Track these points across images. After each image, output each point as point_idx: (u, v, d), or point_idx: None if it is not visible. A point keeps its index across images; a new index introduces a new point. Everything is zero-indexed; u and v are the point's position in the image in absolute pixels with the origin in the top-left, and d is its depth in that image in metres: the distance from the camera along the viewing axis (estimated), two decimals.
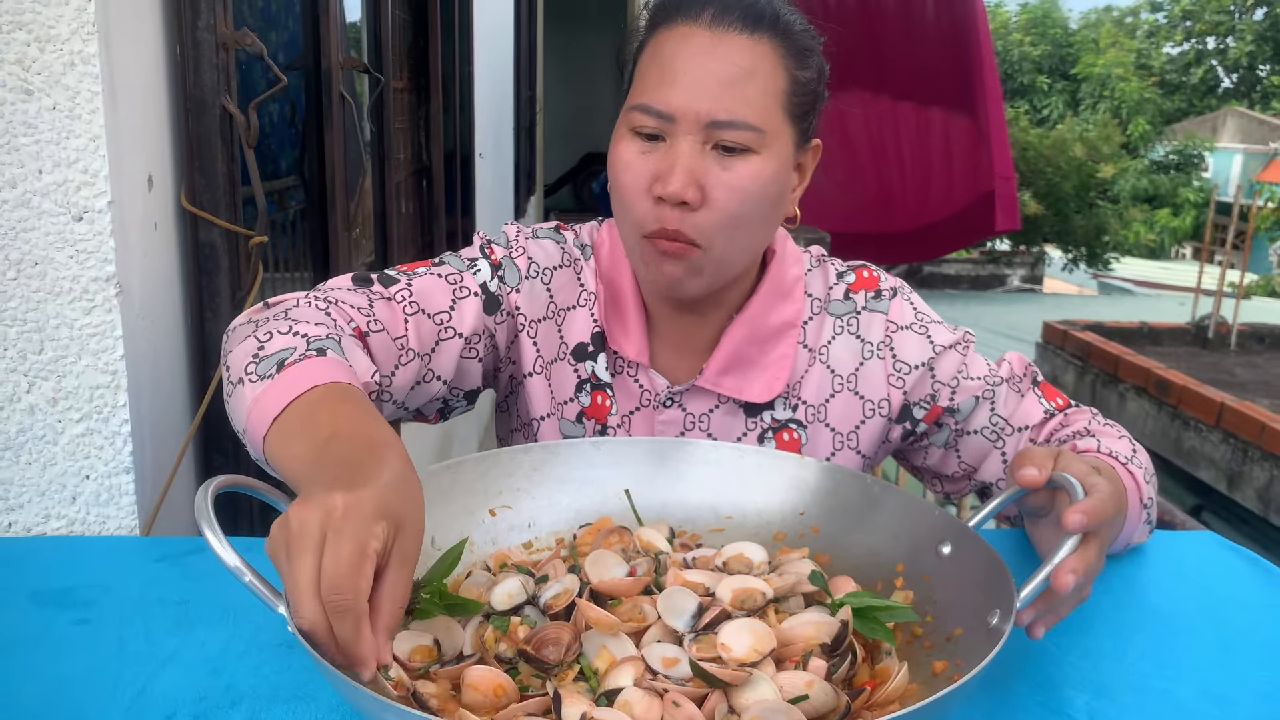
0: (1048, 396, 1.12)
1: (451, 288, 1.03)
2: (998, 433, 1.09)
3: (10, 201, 0.95)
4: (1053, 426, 1.08)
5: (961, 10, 3.99)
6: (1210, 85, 29.39)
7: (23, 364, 0.99)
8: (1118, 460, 0.95)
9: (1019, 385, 1.11)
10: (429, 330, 0.99)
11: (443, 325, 1.00)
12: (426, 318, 0.99)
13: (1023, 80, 23.75)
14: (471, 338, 1.03)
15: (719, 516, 0.94)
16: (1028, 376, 1.12)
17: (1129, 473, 0.95)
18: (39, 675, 0.77)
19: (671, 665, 0.69)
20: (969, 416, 1.09)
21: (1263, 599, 0.98)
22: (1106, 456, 0.95)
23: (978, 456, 1.11)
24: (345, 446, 0.72)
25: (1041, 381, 1.13)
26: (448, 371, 1.02)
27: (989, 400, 1.09)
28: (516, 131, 6.12)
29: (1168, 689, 0.81)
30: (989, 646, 0.66)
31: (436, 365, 1.00)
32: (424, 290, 1.01)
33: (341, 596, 0.61)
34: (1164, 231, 18.76)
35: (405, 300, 0.99)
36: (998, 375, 1.10)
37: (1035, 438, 1.09)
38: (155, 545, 0.99)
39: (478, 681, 0.68)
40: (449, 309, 1.01)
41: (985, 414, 1.09)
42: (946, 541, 0.82)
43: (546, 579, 0.81)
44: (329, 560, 0.62)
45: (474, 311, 1.03)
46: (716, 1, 0.97)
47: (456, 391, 1.06)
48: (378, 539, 0.63)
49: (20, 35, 0.93)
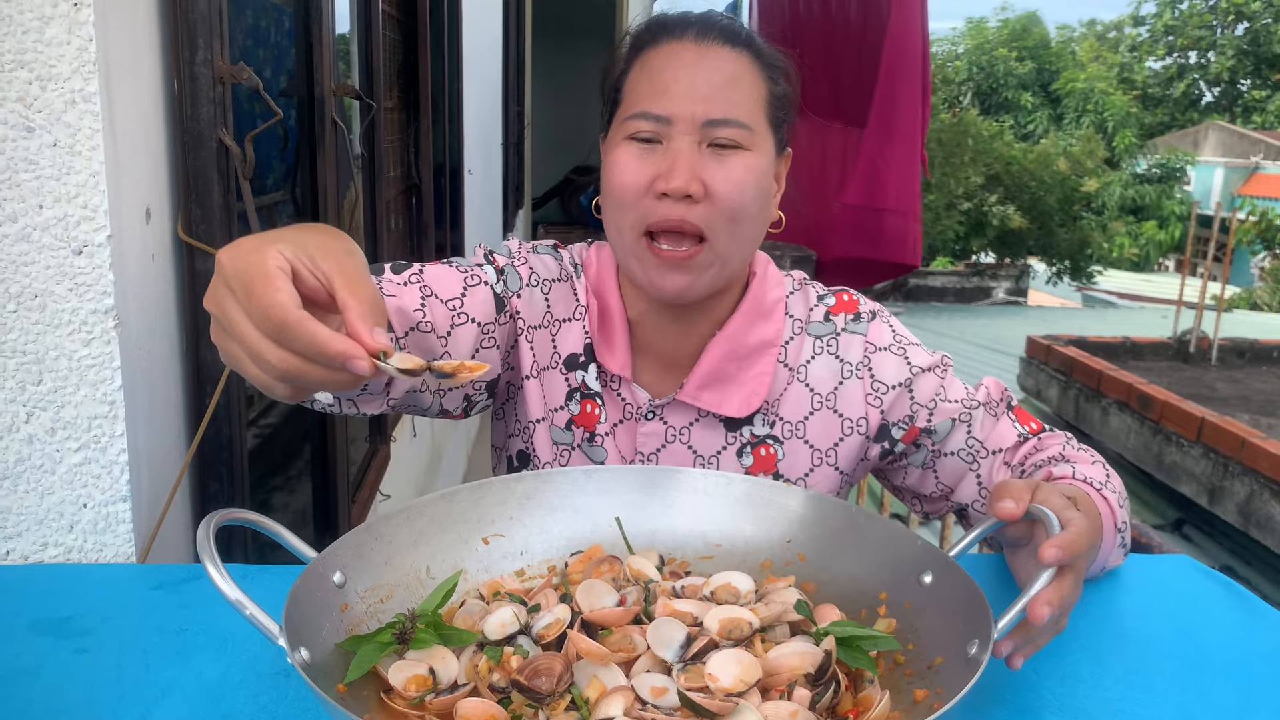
0: (1021, 420, 1.14)
1: (462, 275, 1.05)
2: (973, 455, 1.12)
3: (11, 236, 0.97)
4: (1026, 450, 1.11)
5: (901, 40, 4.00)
6: (1192, 99, 29.69)
7: (22, 394, 1.01)
8: (1092, 486, 0.98)
9: (995, 409, 1.14)
10: (442, 314, 1.01)
11: (456, 310, 1.02)
12: (440, 302, 1.01)
13: (1007, 95, 23.95)
14: (486, 326, 1.05)
15: (708, 544, 0.96)
16: (1003, 401, 1.15)
17: (1103, 499, 0.97)
18: (40, 705, 0.78)
19: (660, 695, 0.71)
20: (946, 438, 1.12)
21: (1235, 623, 1.01)
22: (1081, 483, 0.98)
23: (954, 478, 1.14)
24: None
25: (1016, 406, 1.16)
26: (465, 357, 1.03)
27: (965, 423, 1.12)
28: (505, 147, 6.14)
29: (1141, 713, 0.83)
30: (968, 675, 0.68)
31: (454, 349, 1.02)
32: (435, 276, 1.03)
33: (269, 318, 0.63)
34: (1149, 244, 18.92)
35: (419, 282, 1.01)
36: (975, 399, 1.13)
37: (1009, 460, 1.12)
38: (152, 572, 1.01)
39: (470, 714, 0.70)
40: (461, 295, 1.03)
41: (962, 436, 1.12)
42: (928, 571, 0.84)
43: (539, 608, 0.82)
44: (243, 302, 0.64)
45: (485, 300, 1.05)
46: (697, 22, 1.05)
47: (479, 383, 1.08)
48: (274, 258, 0.65)
49: (22, 74, 0.94)
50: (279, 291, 0.63)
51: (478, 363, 0.71)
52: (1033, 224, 14.82)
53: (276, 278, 0.64)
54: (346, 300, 0.66)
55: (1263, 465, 4.77)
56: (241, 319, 0.65)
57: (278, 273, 0.64)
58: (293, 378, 0.65)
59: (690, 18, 1.06)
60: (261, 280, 0.63)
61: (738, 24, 1.07)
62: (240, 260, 0.65)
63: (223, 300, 0.66)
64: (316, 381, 0.66)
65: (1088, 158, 16.01)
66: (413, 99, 3.01)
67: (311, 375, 0.65)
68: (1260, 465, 4.78)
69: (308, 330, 0.63)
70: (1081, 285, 16.89)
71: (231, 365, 0.69)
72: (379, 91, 2.26)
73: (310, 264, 0.67)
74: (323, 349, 0.63)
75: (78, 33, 0.94)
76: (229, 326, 0.66)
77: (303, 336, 0.63)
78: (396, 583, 0.85)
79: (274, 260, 0.65)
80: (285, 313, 0.63)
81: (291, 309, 0.63)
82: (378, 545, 0.85)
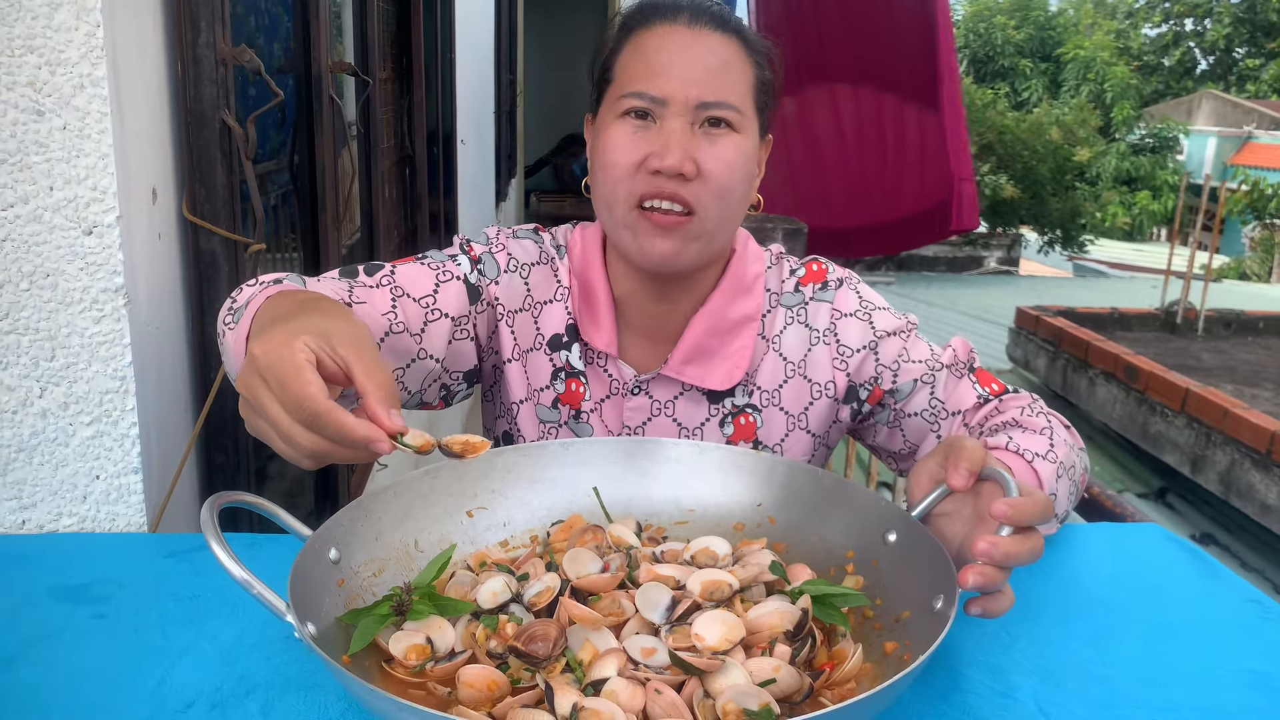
0: (982, 382, 1.18)
1: (434, 273, 1.10)
2: (935, 416, 1.17)
3: (23, 217, 1.00)
4: (986, 412, 1.15)
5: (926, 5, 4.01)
6: (1187, 67, 29.57)
7: (35, 370, 1.04)
8: (1023, 458, 1.01)
9: (959, 370, 1.18)
10: (415, 313, 1.06)
11: (429, 308, 1.07)
12: (412, 301, 1.06)
13: (1004, 63, 23.80)
14: (459, 319, 1.10)
15: (682, 509, 1.00)
16: (967, 363, 1.19)
17: (1033, 470, 1.00)
18: (63, 667, 0.82)
19: (650, 655, 0.76)
20: (909, 398, 1.16)
21: (1200, 589, 1.05)
22: (1013, 454, 1.01)
23: (919, 436, 1.18)
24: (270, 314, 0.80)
25: (978, 368, 1.20)
26: (439, 351, 1.08)
27: (929, 384, 1.16)
28: (498, 116, 6.13)
29: (1106, 674, 0.88)
30: (935, 628, 0.73)
31: (428, 345, 1.07)
32: (407, 276, 1.08)
33: (303, 408, 0.70)
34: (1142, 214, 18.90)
35: (390, 284, 1.06)
36: (939, 360, 1.17)
37: (968, 422, 1.16)
38: (163, 541, 1.05)
39: (473, 679, 0.74)
40: (432, 292, 1.08)
41: (925, 397, 1.16)
42: (892, 530, 0.89)
43: (527, 577, 0.87)
44: (277, 392, 0.71)
45: (457, 294, 1.10)
46: (689, 7, 1.08)
47: (455, 374, 1.13)
48: (302, 351, 0.72)
49: (32, 59, 0.97)
50: (309, 385, 0.70)
51: (482, 440, 0.78)
52: (1025, 193, 14.81)
53: (306, 370, 0.71)
54: (365, 385, 0.73)
55: (1244, 435, 4.84)
56: (274, 406, 0.71)
57: (307, 365, 0.71)
58: (320, 457, 0.72)
59: (682, 2, 1.09)
60: (294, 374, 0.70)
61: (727, 10, 1.11)
62: (272, 355, 0.71)
63: (255, 388, 0.72)
64: (339, 459, 0.72)
65: (1080, 127, 15.97)
66: (406, 69, 3.01)
67: (336, 454, 0.72)
68: (1242, 435, 4.86)
69: (336, 420, 0.70)
70: (1073, 255, 16.91)
71: (259, 438, 0.76)
72: (374, 65, 2.27)
73: (331, 351, 0.73)
74: (349, 435, 0.70)
75: (85, 18, 0.97)
76: (261, 410, 0.72)
77: (331, 425, 0.70)
78: (388, 557, 0.89)
79: (302, 354, 0.71)
80: (316, 404, 0.70)
81: (321, 400, 0.70)
82: (368, 521, 0.89)
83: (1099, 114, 18.18)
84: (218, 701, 0.78)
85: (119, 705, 0.77)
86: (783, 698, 0.73)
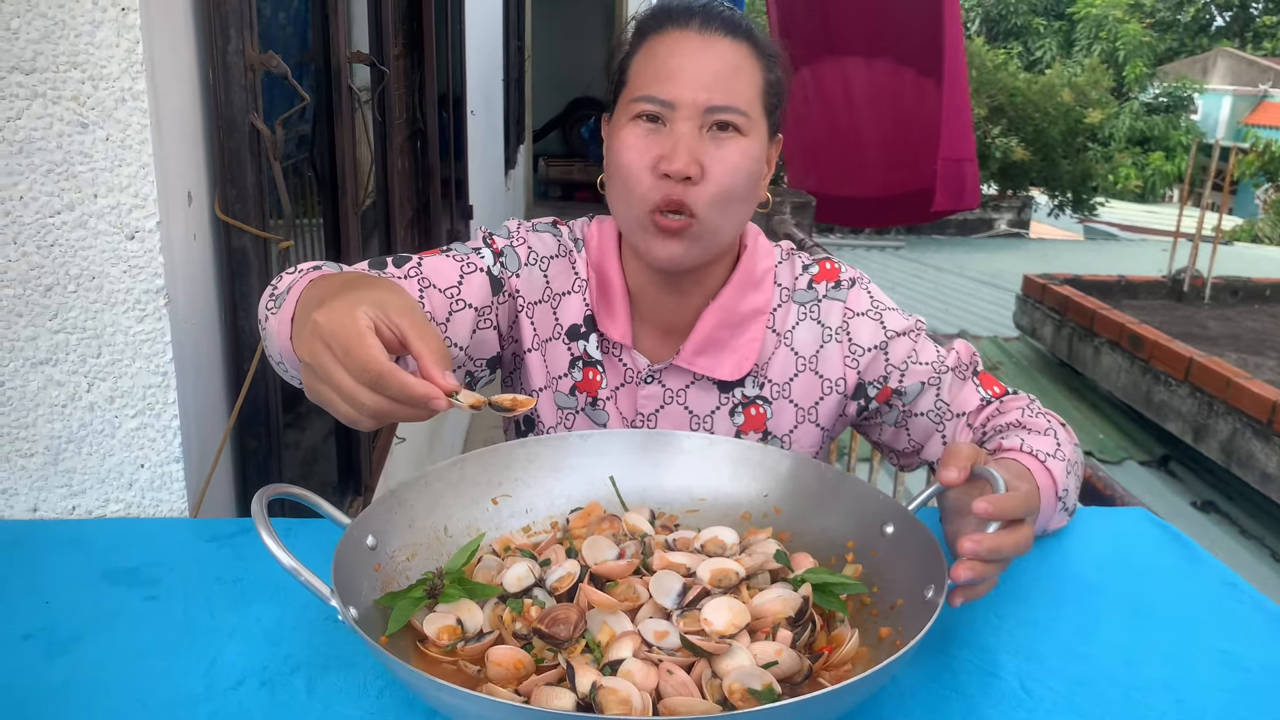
0: (985, 385, 1.24)
1: (459, 265, 1.16)
2: (940, 417, 1.22)
3: (70, 223, 1.06)
4: (988, 413, 1.21)
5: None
6: (1202, 24, 29.10)
7: (83, 367, 1.11)
8: (1037, 459, 1.06)
9: (963, 373, 1.24)
10: (440, 302, 1.12)
11: (453, 299, 1.13)
12: (438, 291, 1.12)
13: (1017, 22, 23.48)
14: (482, 309, 1.16)
15: (693, 499, 1.06)
16: (970, 365, 1.25)
17: (1046, 470, 1.06)
18: (123, 648, 0.89)
19: (662, 638, 0.82)
20: (915, 399, 1.22)
21: (1179, 571, 1.11)
22: (1027, 456, 1.06)
23: (924, 436, 1.24)
24: (317, 294, 0.86)
25: (981, 371, 1.26)
26: (463, 339, 1.14)
27: (934, 386, 1.22)
28: (506, 83, 6.14)
29: (1087, 652, 0.93)
30: (925, 615, 0.79)
31: (453, 333, 1.13)
32: (433, 267, 1.14)
33: (368, 370, 0.76)
34: (1155, 175, 18.72)
35: (417, 275, 1.12)
36: (944, 363, 1.22)
37: (971, 423, 1.22)
38: (205, 526, 1.12)
39: (501, 659, 0.81)
40: (457, 283, 1.14)
41: (930, 399, 1.22)
42: (890, 522, 0.95)
43: (549, 562, 0.93)
44: (341, 356, 0.77)
45: (481, 285, 1.16)
46: (701, 12, 1.12)
47: (479, 361, 1.20)
48: (364, 317, 0.78)
49: (75, 74, 1.02)
50: (372, 348, 0.76)
51: (527, 397, 0.83)
52: (1036, 156, 14.69)
53: (368, 335, 0.77)
54: (420, 349, 0.79)
55: (1246, 404, 4.88)
56: (338, 370, 0.77)
57: (368, 331, 0.77)
58: (383, 416, 0.78)
59: (694, 7, 1.13)
60: (357, 339, 0.76)
61: (738, 14, 1.15)
62: (335, 322, 0.78)
63: (320, 355, 0.78)
64: (400, 418, 0.79)
65: (1092, 88, 15.81)
66: (418, 44, 3.04)
67: (397, 413, 0.78)
68: (1244, 404, 4.89)
69: (398, 380, 0.76)
70: (1084, 217, 16.81)
71: (321, 405, 0.82)
72: (388, 50, 2.31)
73: (386, 319, 0.79)
74: (410, 393, 0.76)
75: (125, 35, 1.02)
76: (325, 376, 0.78)
77: (394, 384, 0.76)
78: (420, 542, 0.96)
79: (364, 320, 0.78)
80: (380, 365, 0.76)
81: (384, 362, 0.76)
82: (401, 510, 0.95)
83: (1111, 74, 17.95)
84: (266, 680, 0.85)
85: (177, 683, 0.84)
86: (784, 678, 0.79)
